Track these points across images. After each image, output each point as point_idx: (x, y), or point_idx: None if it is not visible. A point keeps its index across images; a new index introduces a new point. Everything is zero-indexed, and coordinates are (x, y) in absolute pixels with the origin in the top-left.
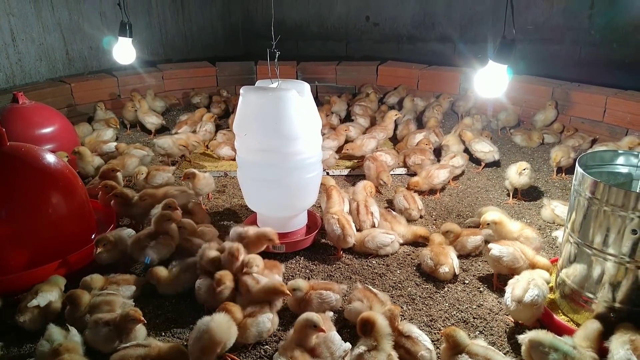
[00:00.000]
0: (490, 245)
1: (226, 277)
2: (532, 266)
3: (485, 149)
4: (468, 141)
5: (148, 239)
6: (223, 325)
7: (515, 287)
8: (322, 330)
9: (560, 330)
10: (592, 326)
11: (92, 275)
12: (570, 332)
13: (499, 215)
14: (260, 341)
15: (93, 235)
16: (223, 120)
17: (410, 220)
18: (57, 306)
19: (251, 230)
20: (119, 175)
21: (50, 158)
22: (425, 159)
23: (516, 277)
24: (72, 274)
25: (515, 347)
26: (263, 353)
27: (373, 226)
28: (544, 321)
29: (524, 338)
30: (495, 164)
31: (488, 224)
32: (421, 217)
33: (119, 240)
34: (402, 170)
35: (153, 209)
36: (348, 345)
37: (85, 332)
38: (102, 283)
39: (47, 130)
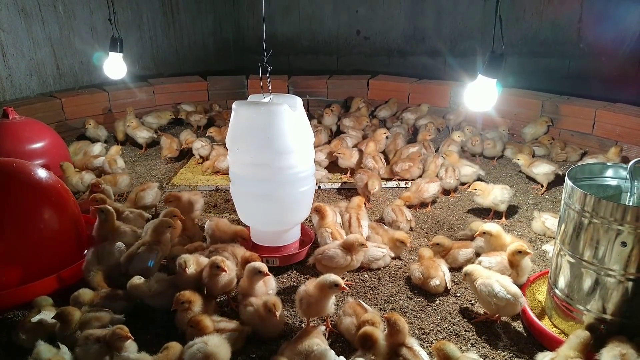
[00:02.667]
0: (467, 268)
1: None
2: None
3: (467, 172)
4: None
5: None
6: (222, 348)
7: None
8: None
9: (550, 341)
10: (579, 336)
11: (80, 290)
12: (559, 343)
13: (497, 228)
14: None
15: (85, 251)
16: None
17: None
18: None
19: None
20: (109, 188)
21: (41, 173)
22: (412, 165)
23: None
24: (64, 289)
25: None
26: None
27: None
28: (534, 333)
29: None
30: (489, 173)
31: (484, 232)
32: (411, 229)
33: (108, 254)
34: (394, 184)
35: (147, 223)
36: (342, 358)
37: (76, 349)
38: (91, 297)
39: (38, 145)
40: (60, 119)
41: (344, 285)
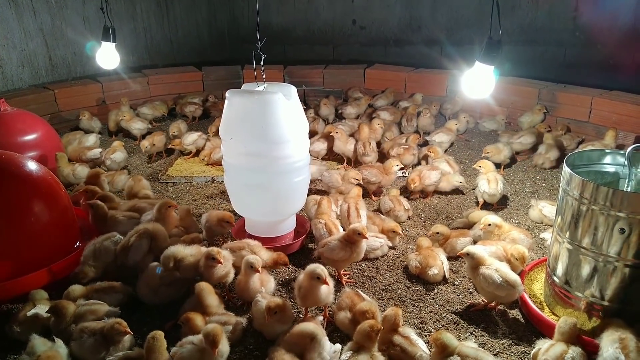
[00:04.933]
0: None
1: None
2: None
3: (447, 168)
4: (434, 158)
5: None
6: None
7: (503, 268)
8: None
9: (549, 328)
10: (566, 324)
11: (72, 286)
12: (553, 328)
13: (499, 220)
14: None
15: (77, 243)
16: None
17: (397, 221)
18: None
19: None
20: (104, 179)
21: (31, 165)
22: (407, 150)
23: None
24: (56, 282)
25: (505, 348)
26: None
27: None
28: (533, 320)
29: None
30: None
31: (489, 224)
32: (409, 218)
33: (103, 251)
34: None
35: (144, 215)
36: (338, 346)
37: (71, 342)
38: (81, 292)
39: (30, 137)
40: (53, 111)
41: (326, 279)
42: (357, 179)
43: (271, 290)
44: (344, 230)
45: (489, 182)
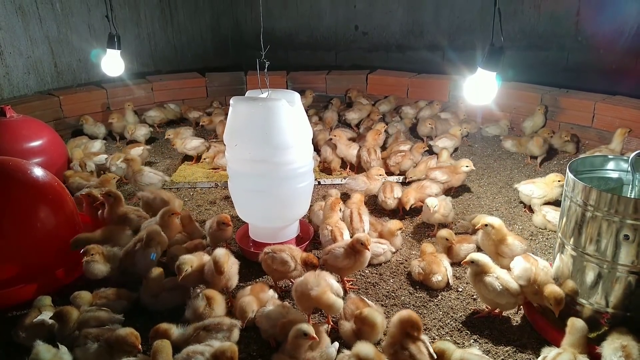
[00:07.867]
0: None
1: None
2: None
3: (443, 179)
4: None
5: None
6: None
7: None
8: (314, 339)
9: (553, 336)
10: (578, 328)
11: (79, 292)
12: (562, 337)
13: (498, 221)
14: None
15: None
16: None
17: (386, 208)
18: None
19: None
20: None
21: (37, 172)
22: (404, 157)
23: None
24: (62, 288)
25: (510, 355)
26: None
27: None
28: (537, 327)
29: None
30: (490, 167)
31: (486, 225)
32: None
33: (112, 257)
34: (394, 179)
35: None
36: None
37: (75, 349)
38: (90, 299)
39: (36, 143)
40: (59, 117)
41: (314, 335)
42: (381, 175)
43: (272, 294)
44: (350, 233)
45: None
